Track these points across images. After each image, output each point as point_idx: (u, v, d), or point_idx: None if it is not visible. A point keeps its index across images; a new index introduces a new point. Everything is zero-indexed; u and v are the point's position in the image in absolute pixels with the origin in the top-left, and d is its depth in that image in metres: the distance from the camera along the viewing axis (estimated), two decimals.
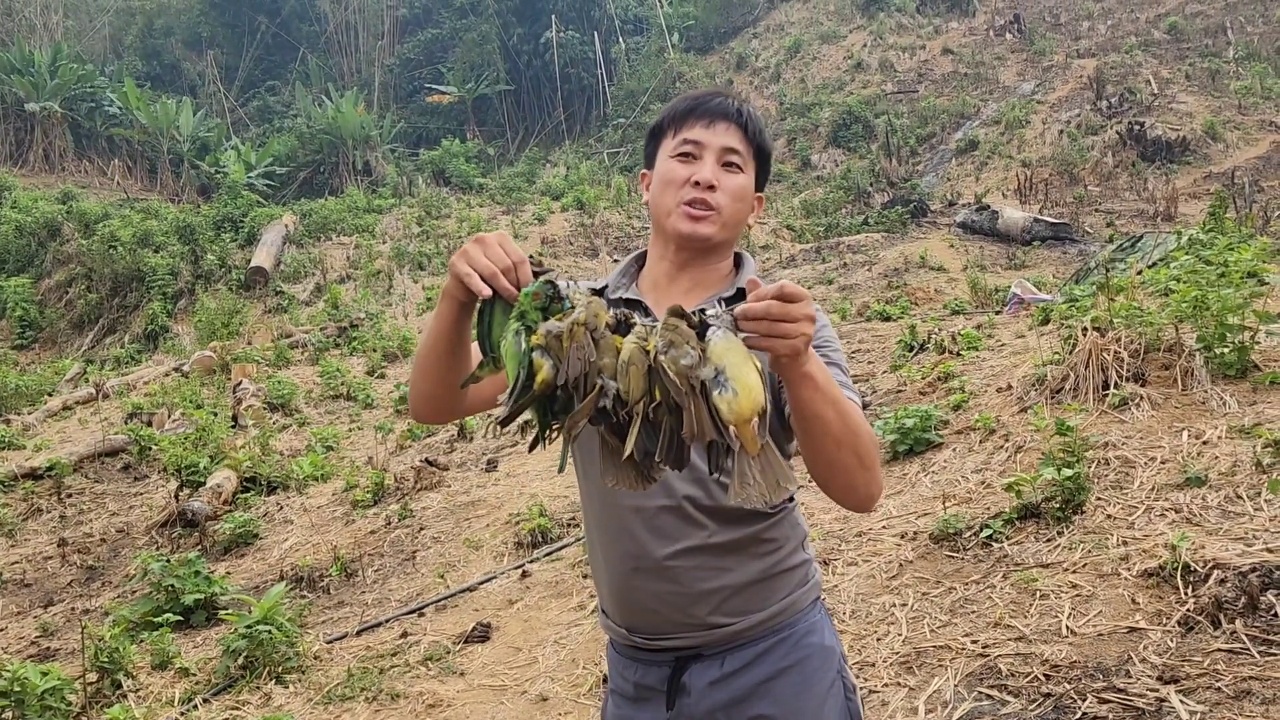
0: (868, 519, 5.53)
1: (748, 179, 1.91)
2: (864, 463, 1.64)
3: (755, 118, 1.94)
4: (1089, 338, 6.14)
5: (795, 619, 1.88)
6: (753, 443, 1.43)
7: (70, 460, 10.33)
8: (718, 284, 1.94)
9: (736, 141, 1.89)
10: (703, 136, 1.89)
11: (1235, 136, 23.12)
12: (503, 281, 1.57)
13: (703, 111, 1.91)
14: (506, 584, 5.96)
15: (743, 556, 1.84)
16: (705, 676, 1.86)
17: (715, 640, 1.85)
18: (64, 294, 22.58)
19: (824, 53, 35.30)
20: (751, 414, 1.41)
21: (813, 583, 1.94)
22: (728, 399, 1.40)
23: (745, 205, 1.92)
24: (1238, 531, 4.08)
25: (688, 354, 1.41)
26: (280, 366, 15.43)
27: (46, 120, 32.45)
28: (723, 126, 1.89)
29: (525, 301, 1.51)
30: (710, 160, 1.88)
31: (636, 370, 1.43)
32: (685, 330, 1.45)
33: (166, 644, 5.38)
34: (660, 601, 1.85)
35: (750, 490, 1.45)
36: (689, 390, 1.40)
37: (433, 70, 40.82)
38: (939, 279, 17.19)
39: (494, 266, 1.58)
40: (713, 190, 1.86)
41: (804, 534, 1.96)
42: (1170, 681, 3.24)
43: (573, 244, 24.01)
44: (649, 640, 1.90)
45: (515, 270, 1.59)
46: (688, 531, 1.82)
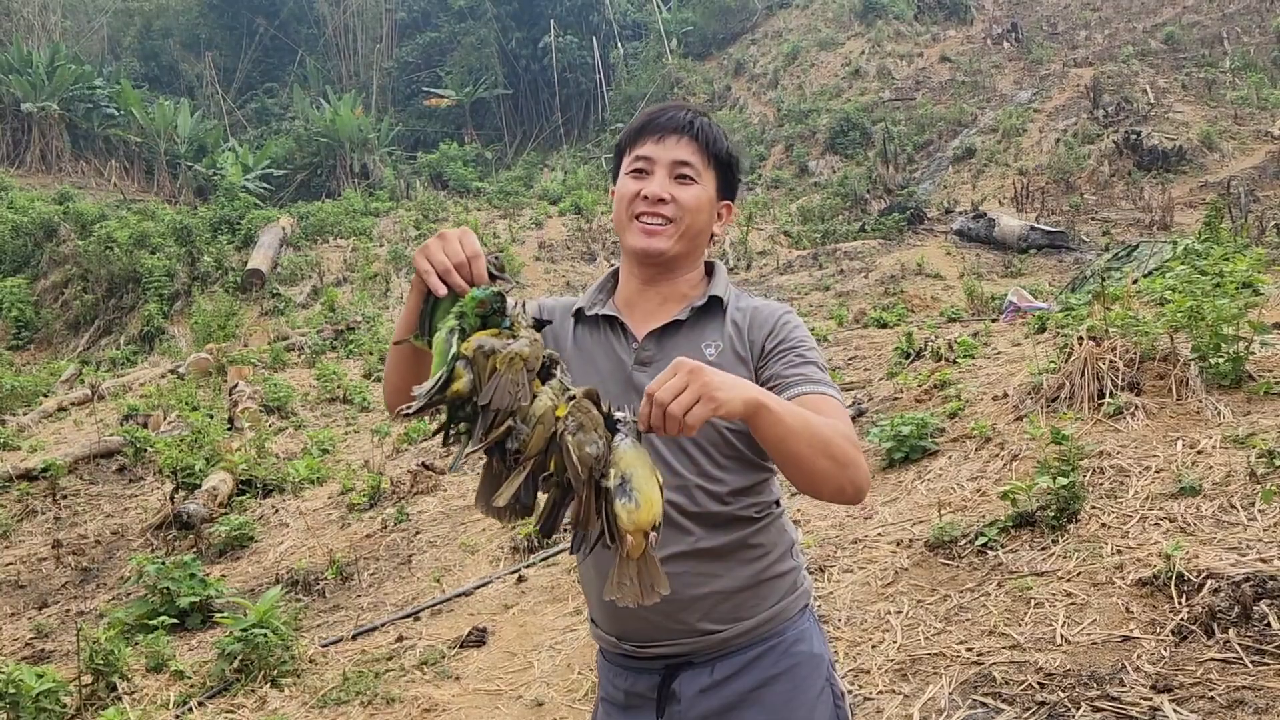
0: (863, 526, 5.54)
1: (704, 189, 1.91)
2: (841, 462, 1.67)
3: (710, 128, 1.95)
4: (1085, 346, 6.16)
5: (784, 626, 1.89)
6: (636, 550, 1.49)
7: (65, 461, 10.31)
8: (687, 295, 1.95)
9: (688, 154, 1.90)
10: (653, 152, 1.91)
11: (1231, 146, 23.19)
12: (455, 277, 1.62)
13: (654, 128, 1.93)
14: (502, 589, 5.97)
15: (730, 563, 1.85)
16: (695, 684, 1.86)
17: (704, 647, 1.85)
18: (60, 295, 22.55)
19: (822, 59, 35.37)
20: (648, 526, 1.48)
21: (801, 590, 1.94)
22: (629, 508, 1.46)
23: (704, 215, 1.92)
24: (1231, 541, 4.10)
25: (594, 442, 1.48)
26: (276, 369, 15.42)
27: (44, 120, 32.42)
28: (673, 140, 1.91)
29: (468, 304, 1.57)
30: (661, 174, 1.89)
31: (541, 430, 1.48)
32: (595, 416, 1.51)
33: (162, 646, 5.38)
34: (649, 610, 1.83)
35: (625, 590, 1.51)
36: (587, 480, 1.47)
37: (431, 74, 40.86)
38: (935, 286, 17.23)
39: (448, 262, 1.63)
40: (663, 203, 1.88)
41: (791, 541, 1.96)
42: (1164, 690, 3.25)
43: (569, 248, 24.02)
44: (639, 648, 1.91)
45: (470, 265, 1.63)
46: (674, 537, 1.82)
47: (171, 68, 42.34)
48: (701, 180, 1.91)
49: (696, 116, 1.95)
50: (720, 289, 1.94)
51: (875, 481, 6.33)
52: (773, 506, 1.92)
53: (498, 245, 24.00)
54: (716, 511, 1.84)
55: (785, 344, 1.85)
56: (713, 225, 1.96)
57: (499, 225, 26.14)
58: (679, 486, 1.82)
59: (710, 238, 2.00)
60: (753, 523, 1.88)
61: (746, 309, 1.93)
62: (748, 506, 1.87)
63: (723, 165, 1.95)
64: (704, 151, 1.91)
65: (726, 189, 1.98)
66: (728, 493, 1.85)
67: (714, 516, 1.84)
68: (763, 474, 1.90)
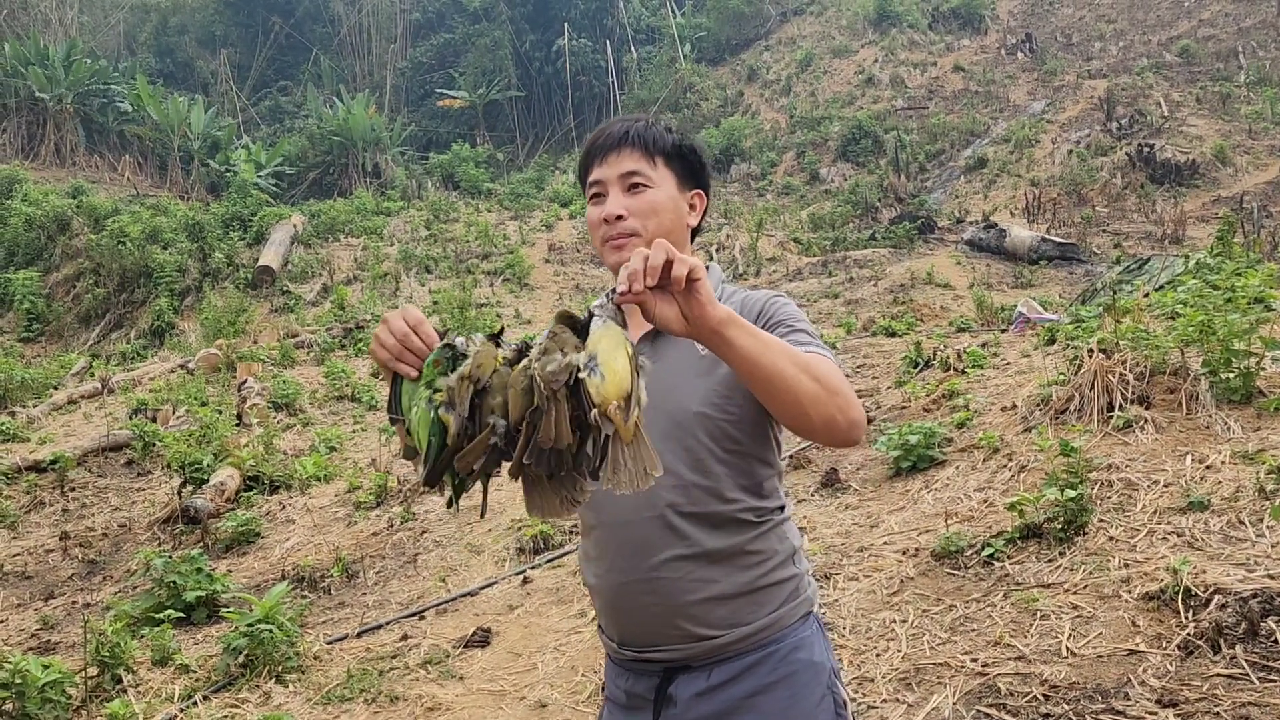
0: (869, 534, 5.54)
1: (659, 190, 1.92)
2: (829, 388, 1.61)
3: (648, 130, 1.95)
4: (1095, 359, 6.15)
5: (783, 634, 1.88)
6: (624, 426, 1.45)
7: (74, 454, 10.35)
8: None
9: (631, 163, 1.91)
10: (601, 174, 1.93)
11: (1245, 161, 23.13)
12: (402, 366, 1.64)
13: (595, 151, 1.96)
14: (507, 589, 5.98)
15: (728, 568, 1.84)
16: (691, 688, 1.86)
17: (702, 653, 1.85)
18: (71, 288, 22.63)
19: (835, 67, 35.37)
20: (616, 396, 1.44)
21: (803, 598, 1.93)
22: (595, 382, 1.44)
23: (669, 214, 1.93)
24: (1239, 557, 4.09)
25: (555, 359, 1.46)
26: (285, 366, 15.45)
27: (59, 114, 32.55)
28: (614, 156, 1.92)
29: (429, 371, 1.58)
30: (614, 192, 1.91)
31: (515, 392, 1.48)
32: (564, 335, 1.50)
33: (167, 640, 5.39)
34: (647, 614, 1.87)
35: (621, 475, 1.47)
36: (550, 395, 1.45)
37: (444, 74, 40.97)
38: (945, 296, 17.21)
39: (395, 342, 1.64)
40: (621, 219, 1.89)
41: (794, 548, 1.94)
42: (1169, 705, 3.25)
43: (580, 251, 24.04)
44: (638, 652, 1.92)
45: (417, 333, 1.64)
46: (671, 541, 1.83)
47: (186, 64, 42.49)
48: (655, 182, 1.92)
49: (632, 124, 1.96)
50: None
51: (881, 490, 6.33)
52: (774, 512, 1.91)
53: (508, 247, 24.05)
54: (714, 512, 1.84)
55: (773, 319, 1.85)
56: (685, 219, 1.97)
57: (509, 227, 26.19)
58: (677, 485, 1.82)
59: (693, 232, 2.01)
60: (752, 526, 1.87)
61: (737, 301, 1.93)
62: (747, 510, 1.86)
63: (675, 159, 1.95)
64: (648, 154, 1.92)
65: (689, 179, 1.98)
66: (727, 493, 1.84)
67: (712, 517, 1.83)
68: (764, 473, 1.89)
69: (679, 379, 1.82)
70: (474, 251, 23.89)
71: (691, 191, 1.98)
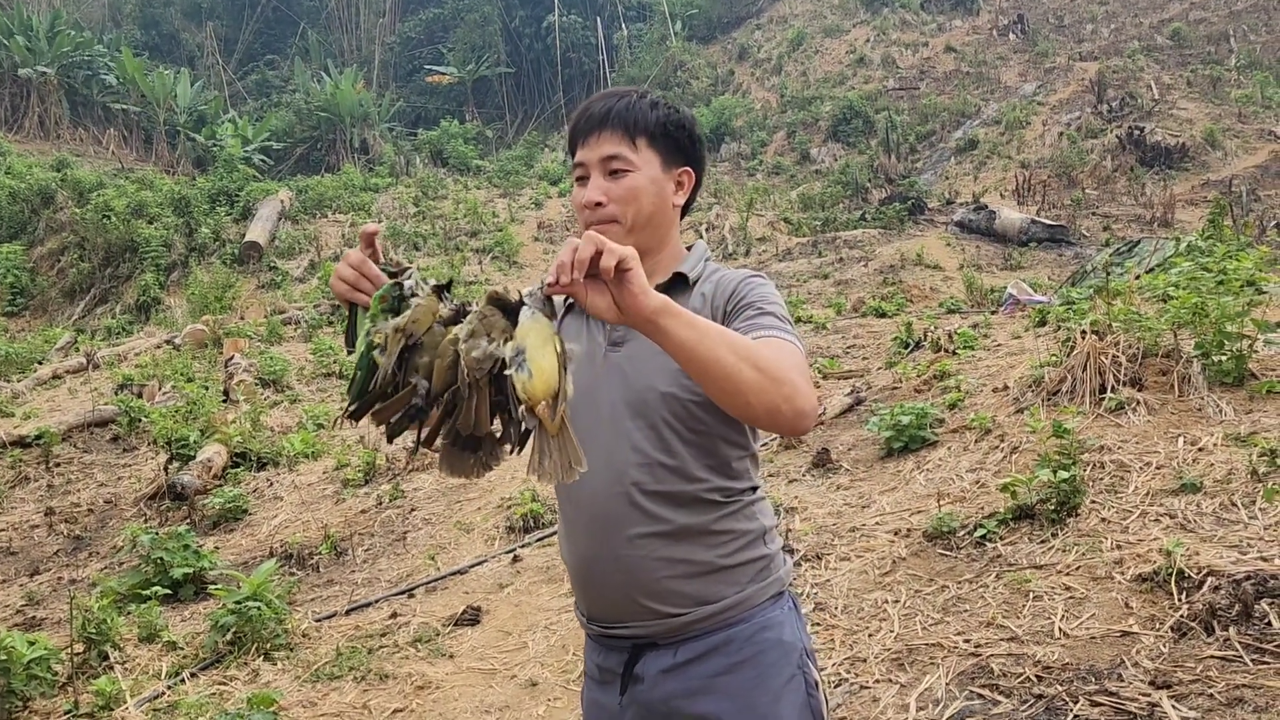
0: (861, 515, 5.53)
1: (641, 174, 1.88)
2: (773, 377, 1.58)
3: (630, 109, 1.90)
4: (1087, 341, 6.14)
5: (751, 613, 1.87)
6: (550, 423, 1.46)
7: (59, 429, 10.26)
8: (658, 276, 1.93)
9: (611, 146, 1.88)
10: (583, 156, 1.90)
11: (1234, 145, 23.17)
12: (357, 295, 1.68)
13: (579, 131, 1.92)
14: (497, 568, 5.95)
15: (694, 546, 1.84)
16: (658, 665, 1.86)
17: (667, 630, 1.85)
18: (56, 262, 22.43)
19: (826, 46, 35.24)
20: (543, 395, 1.44)
21: (774, 578, 1.91)
22: (522, 379, 1.44)
23: (648, 197, 1.89)
24: (1232, 539, 4.09)
25: (481, 344, 1.47)
26: (272, 342, 15.37)
27: (42, 86, 32.18)
28: (595, 138, 1.89)
29: (374, 305, 1.59)
30: (595, 176, 1.89)
31: (442, 363, 1.50)
32: (493, 319, 1.49)
33: (154, 617, 5.35)
34: (613, 590, 1.87)
35: (546, 465, 1.48)
36: (472, 382, 1.47)
37: (433, 50, 40.66)
38: (934, 277, 17.22)
39: (345, 283, 1.69)
40: (601, 206, 1.87)
41: (765, 528, 1.92)
42: (1163, 687, 3.24)
43: (569, 229, 23.93)
44: (605, 628, 1.93)
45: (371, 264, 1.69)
46: (636, 519, 1.82)
47: (172, 37, 42.05)
48: (635, 166, 1.88)
49: (615, 103, 1.91)
50: (688, 266, 1.93)
51: (873, 470, 6.32)
52: (744, 493, 1.89)
53: (497, 224, 23.94)
54: (680, 491, 1.83)
55: (744, 300, 1.83)
56: (670, 199, 1.93)
57: (498, 204, 26.06)
58: (642, 464, 1.82)
59: (681, 211, 1.98)
60: (719, 506, 1.85)
61: (715, 279, 1.91)
62: (713, 490, 1.85)
63: (660, 138, 1.91)
64: (629, 136, 1.88)
65: (676, 157, 1.93)
66: (693, 472, 1.83)
67: (677, 496, 1.82)
68: (733, 454, 1.87)
69: (648, 358, 1.79)
70: (463, 229, 23.78)
71: (678, 170, 1.94)
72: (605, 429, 1.84)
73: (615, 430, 1.84)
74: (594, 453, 1.81)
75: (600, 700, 1.97)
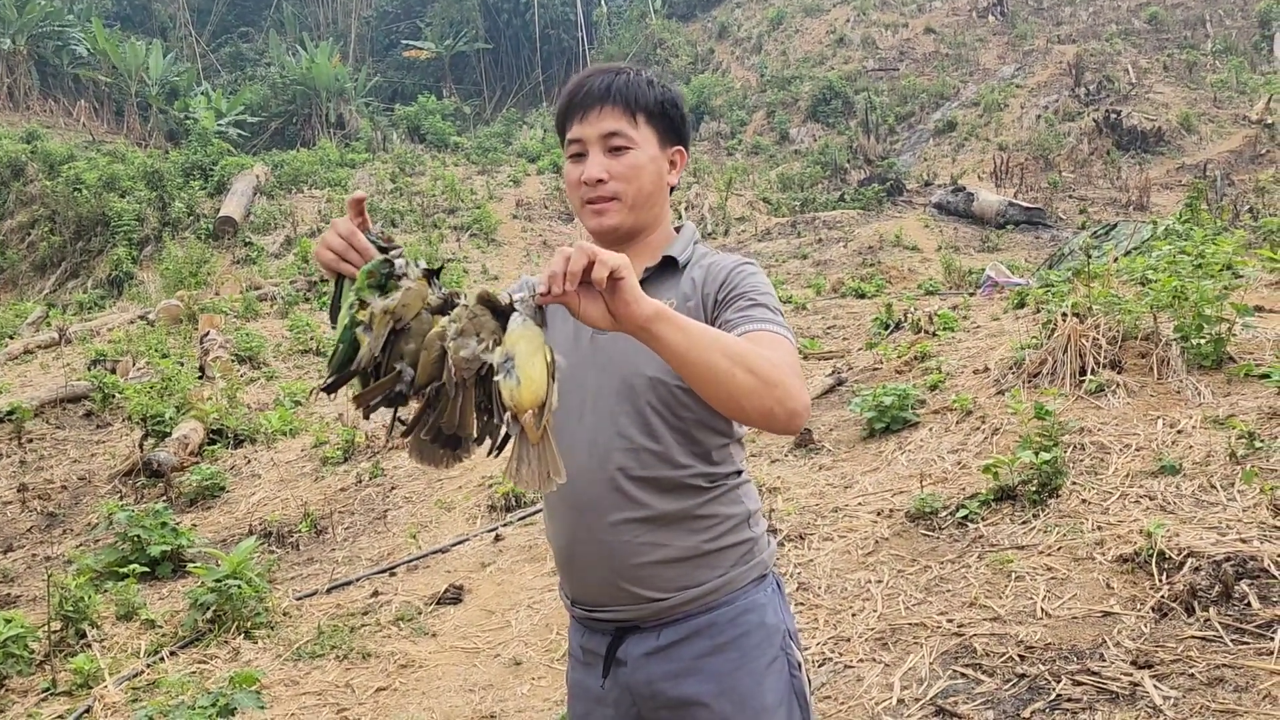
0: (843, 495, 5.55)
1: (640, 151, 1.87)
2: (765, 380, 1.57)
3: (630, 85, 1.88)
4: (1068, 323, 6.17)
5: (734, 596, 1.87)
6: (532, 432, 1.46)
7: (31, 405, 10.13)
8: (649, 258, 1.92)
9: (613, 122, 1.85)
10: (581, 132, 1.87)
11: (1209, 129, 23.33)
12: (344, 265, 1.64)
13: (576, 106, 1.89)
14: (479, 546, 5.94)
15: (677, 531, 1.83)
16: (641, 648, 1.87)
17: (650, 614, 1.85)
18: (26, 235, 22.12)
19: (806, 26, 35.17)
20: (530, 405, 1.43)
21: (757, 560, 1.91)
22: (510, 386, 1.43)
23: (649, 175, 1.89)
24: (1211, 520, 4.13)
25: (469, 345, 1.46)
26: (248, 318, 15.24)
27: (11, 57, 31.65)
28: (595, 114, 1.86)
29: (361, 279, 1.57)
30: (594, 152, 1.86)
31: (428, 356, 1.49)
32: (483, 319, 1.48)
33: (132, 595, 5.32)
34: (596, 574, 1.87)
35: (523, 472, 1.48)
36: (459, 382, 1.46)
37: (410, 24, 40.30)
38: (913, 259, 17.27)
39: (332, 253, 1.64)
40: (602, 183, 1.85)
41: (749, 511, 1.92)
42: (1144, 666, 3.28)
43: (548, 207, 23.86)
44: (589, 610, 1.93)
45: (360, 235, 1.64)
46: (620, 504, 1.82)
47: (144, 7, 41.42)
48: (636, 143, 1.87)
49: (614, 78, 1.88)
50: (677, 250, 1.92)
51: (855, 451, 6.34)
52: (727, 478, 1.89)
53: (475, 202, 23.80)
54: (664, 477, 1.82)
55: (735, 290, 1.82)
56: (665, 178, 1.93)
57: (476, 181, 25.90)
58: (628, 449, 1.81)
59: (671, 190, 1.97)
60: (702, 492, 1.85)
61: (706, 264, 1.90)
62: (698, 475, 1.84)
63: (657, 116, 1.89)
64: (629, 112, 1.86)
65: (671, 136, 1.93)
66: (678, 458, 1.83)
67: (661, 482, 1.82)
68: (717, 440, 1.87)
69: (634, 342, 1.77)
70: (441, 206, 23.62)
71: (672, 149, 1.93)
72: (590, 412, 1.84)
73: (600, 414, 1.83)
74: (578, 436, 1.83)
75: (584, 681, 1.97)
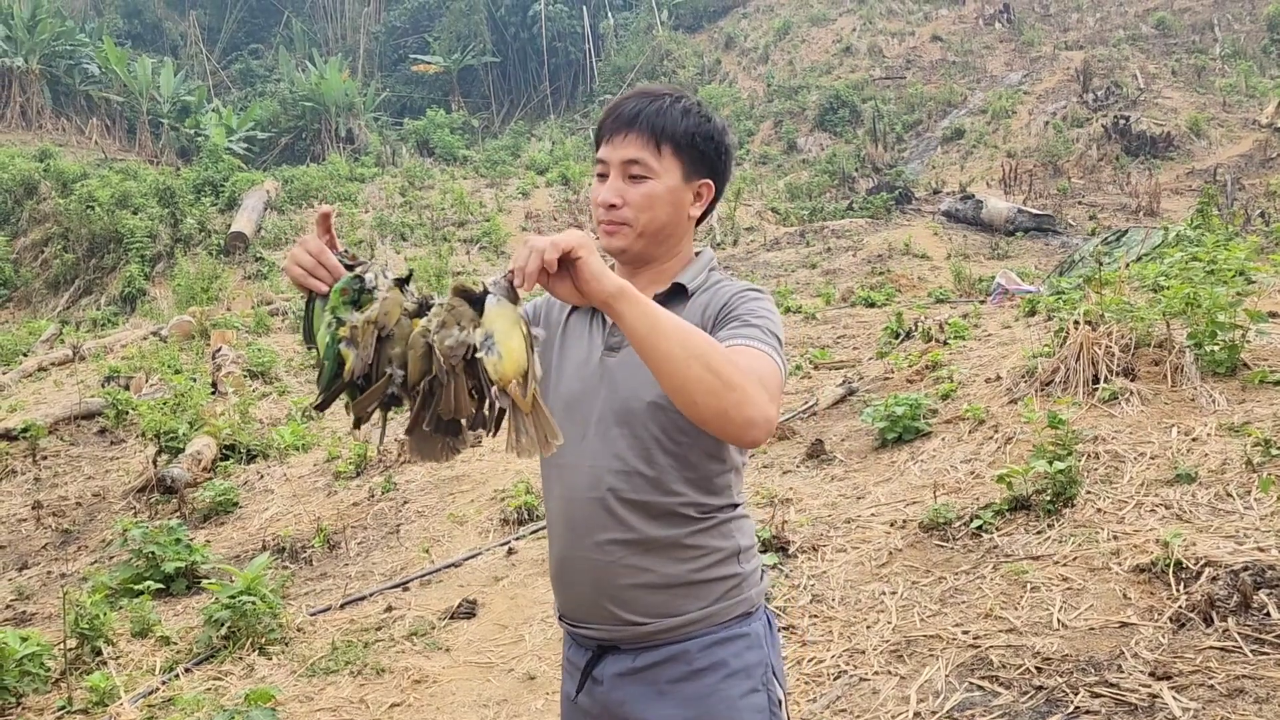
0: (856, 506, 5.54)
1: (659, 182, 1.85)
2: (726, 382, 1.56)
3: (661, 115, 1.85)
4: (1080, 331, 6.15)
5: (716, 629, 1.87)
6: (523, 401, 1.54)
7: (45, 422, 10.18)
8: (661, 284, 1.92)
9: (636, 150, 1.84)
10: (607, 154, 1.88)
11: (1219, 134, 23.25)
12: (312, 281, 1.67)
13: (607, 127, 1.90)
14: (492, 560, 5.93)
15: (662, 558, 1.84)
16: (616, 667, 1.88)
17: (629, 637, 1.87)
18: (40, 253, 22.26)
19: (813, 35, 35.21)
20: (513, 375, 1.52)
21: (743, 598, 1.90)
22: (493, 361, 1.51)
23: (664, 207, 1.87)
24: (1228, 529, 4.11)
25: (453, 334, 1.53)
26: (260, 334, 15.28)
27: (24, 76, 31.88)
28: (620, 138, 1.86)
29: (335, 298, 1.63)
30: (614, 176, 1.87)
31: (415, 354, 1.56)
32: (461, 309, 1.55)
33: (147, 612, 5.32)
34: (581, 591, 1.89)
35: (523, 442, 1.56)
36: (449, 369, 1.53)
37: (418, 39, 40.45)
38: (922, 267, 17.24)
39: (302, 269, 1.68)
40: (615, 208, 1.86)
41: (739, 547, 1.90)
42: (1163, 678, 3.25)
43: (556, 220, 23.89)
44: (574, 626, 1.95)
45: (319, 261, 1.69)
46: (609, 524, 1.84)
47: (155, 26, 41.70)
48: (656, 174, 1.85)
49: (647, 105, 1.86)
50: (688, 277, 1.92)
51: (867, 461, 6.33)
52: (721, 510, 1.88)
53: (484, 215, 23.86)
54: (654, 502, 1.83)
55: (734, 313, 1.82)
56: (687, 209, 1.90)
57: (485, 194, 25.97)
58: (621, 471, 1.83)
59: (696, 221, 1.95)
60: (692, 521, 1.85)
61: (714, 289, 1.90)
62: (689, 504, 1.84)
63: (685, 147, 1.87)
64: (654, 141, 1.84)
65: (700, 169, 1.90)
66: (671, 485, 1.83)
67: (651, 507, 1.83)
68: (715, 469, 1.87)
69: (639, 366, 1.76)
70: (450, 219, 23.69)
71: (699, 182, 1.91)
72: (593, 434, 1.85)
73: (601, 435, 1.85)
74: (581, 456, 1.85)
75: (569, 692, 2.00)
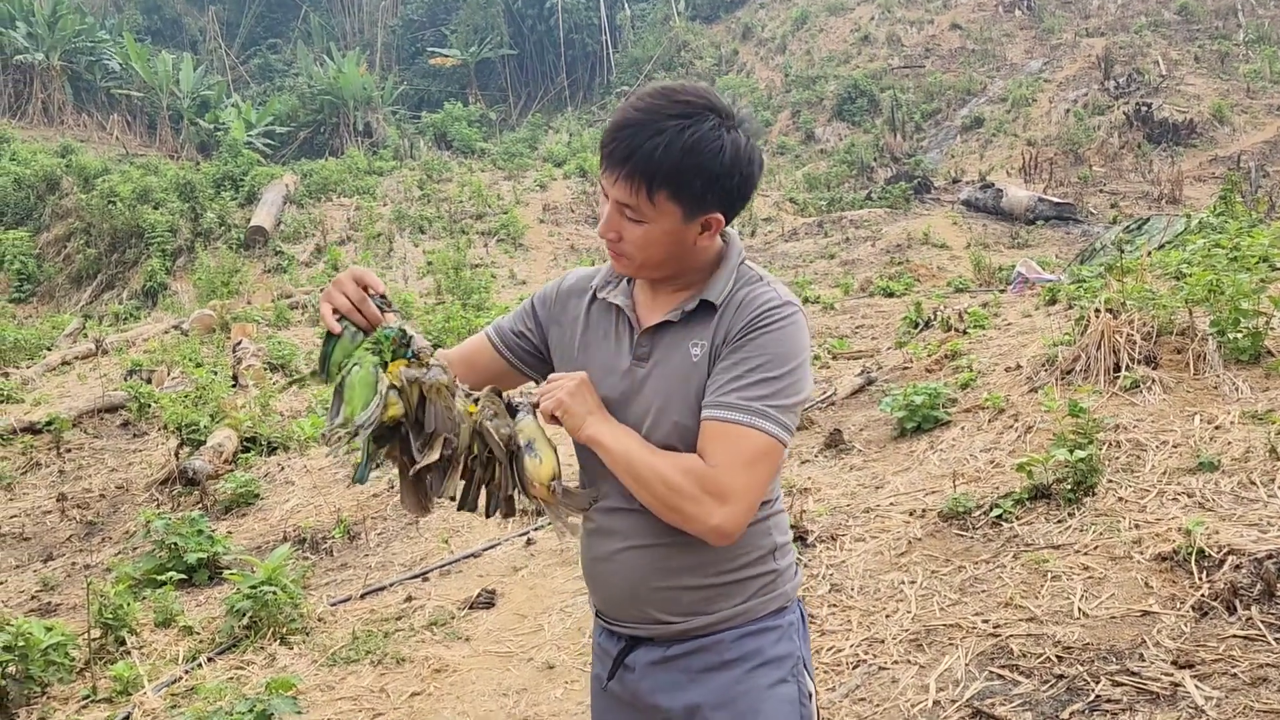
0: (875, 495, 5.52)
1: (654, 226, 1.76)
2: (668, 505, 1.75)
3: (658, 156, 1.70)
4: (1101, 319, 6.11)
5: (747, 625, 1.88)
6: (547, 498, 1.84)
7: (69, 415, 10.26)
8: (690, 288, 1.88)
9: (626, 195, 1.74)
10: (605, 183, 1.79)
11: (1242, 120, 23.02)
12: (358, 317, 1.83)
13: (604, 155, 1.78)
14: (511, 551, 5.95)
15: (695, 560, 1.85)
16: (648, 657, 1.92)
17: (663, 635, 1.90)
18: (62, 248, 22.44)
19: (831, 25, 35.03)
20: (549, 478, 1.83)
21: (777, 593, 1.91)
22: (534, 463, 1.83)
23: (661, 247, 1.79)
24: (1252, 518, 4.07)
25: (506, 425, 1.85)
26: (280, 327, 15.36)
27: (45, 72, 32.10)
28: (611, 177, 1.76)
29: (384, 342, 1.81)
30: (610, 209, 1.79)
31: (466, 428, 1.82)
32: (499, 407, 1.87)
33: (170, 602, 5.36)
34: (616, 593, 1.93)
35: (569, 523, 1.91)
36: (506, 455, 1.83)
37: (436, 32, 40.46)
38: (941, 256, 17.16)
39: (349, 302, 1.83)
40: (615, 240, 1.82)
41: (775, 544, 1.91)
42: (1185, 666, 3.23)
43: (574, 211, 23.89)
44: (609, 623, 2.00)
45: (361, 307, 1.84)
46: (643, 529, 1.86)
47: (174, 21, 41.90)
48: (649, 219, 1.76)
49: (643, 141, 1.70)
50: (714, 292, 1.84)
51: (886, 451, 6.31)
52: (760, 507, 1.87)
53: (502, 207, 23.89)
54: None
55: (744, 356, 1.76)
56: (691, 242, 1.81)
57: (503, 187, 25.99)
58: None
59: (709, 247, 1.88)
60: None
61: (740, 298, 1.83)
62: None
63: (684, 193, 1.73)
64: (646, 190, 1.72)
65: (702, 208, 1.76)
66: None
67: None
68: None
69: (670, 382, 1.83)
70: (468, 211, 23.72)
71: (703, 217, 1.78)
72: None
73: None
74: None
75: (599, 675, 2.04)
